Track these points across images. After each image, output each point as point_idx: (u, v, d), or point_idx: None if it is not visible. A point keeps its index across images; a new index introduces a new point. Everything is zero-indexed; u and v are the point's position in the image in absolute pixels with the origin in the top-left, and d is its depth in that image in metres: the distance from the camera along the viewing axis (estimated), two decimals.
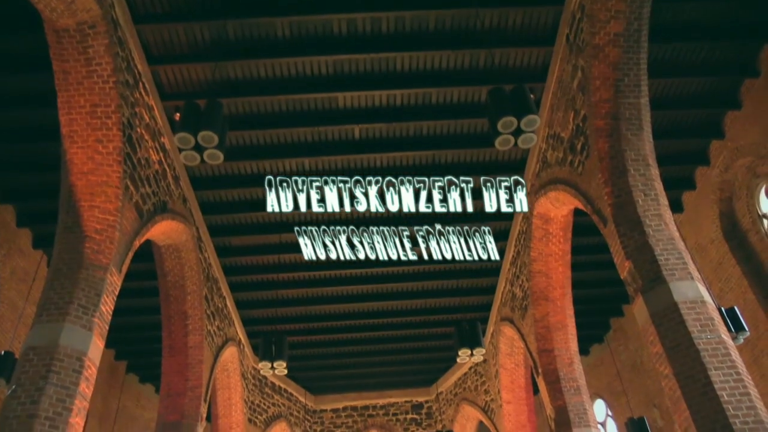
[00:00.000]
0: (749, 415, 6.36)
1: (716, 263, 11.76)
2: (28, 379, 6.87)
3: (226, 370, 14.65)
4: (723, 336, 6.98)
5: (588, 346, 16.68)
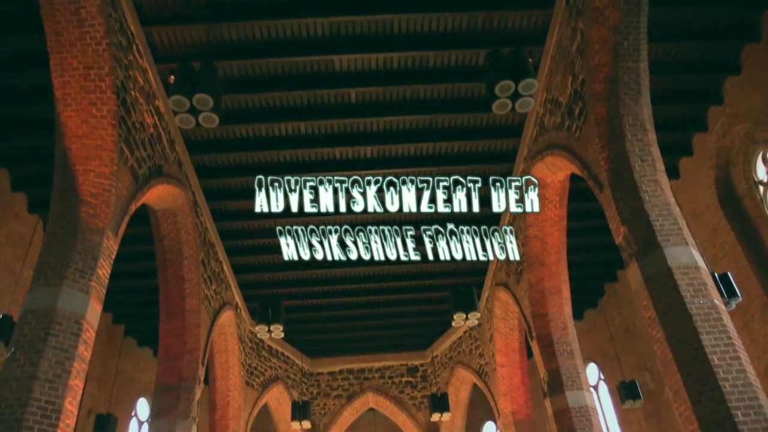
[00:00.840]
0: (739, 378, 6.47)
1: (711, 229, 11.82)
2: (27, 342, 6.93)
3: (224, 333, 14.79)
4: (715, 301, 7.06)
5: (582, 310, 16.86)
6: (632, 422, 15.24)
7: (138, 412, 16.44)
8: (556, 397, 11.42)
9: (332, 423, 18.68)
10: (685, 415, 6.71)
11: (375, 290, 16.05)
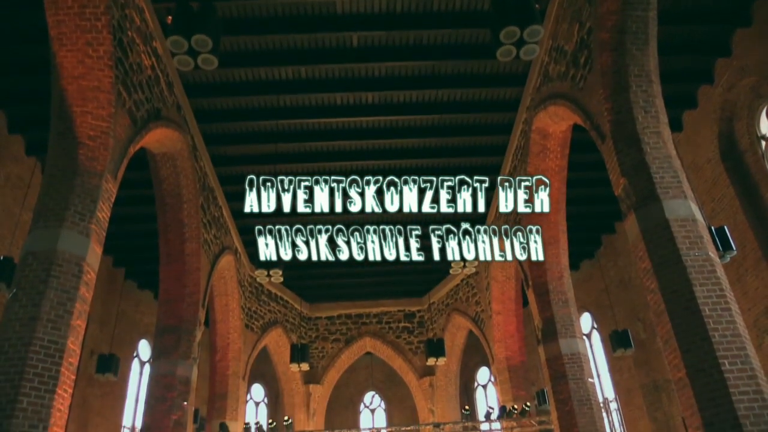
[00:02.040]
0: (728, 328, 6.59)
1: (711, 183, 11.81)
2: (28, 283, 7.01)
3: (223, 277, 14.96)
4: (710, 254, 7.12)
5: (578, 261, 17.01)
6: (622, 370, 15.59)
7: (140, 352, 16.79)
8: (550, 344, 11.66)
9: (330, 366, 19.11)
10: (674, 363, 6.87)
11: None
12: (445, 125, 12.45)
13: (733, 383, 6.26)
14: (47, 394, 6.49)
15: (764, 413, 6.14)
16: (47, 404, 6.45)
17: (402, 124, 12.42)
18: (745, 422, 6.08)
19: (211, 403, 15.40)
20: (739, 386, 6.25)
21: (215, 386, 15.54)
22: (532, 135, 11.24)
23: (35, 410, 6.35)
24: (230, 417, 14.94)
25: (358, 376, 20.97)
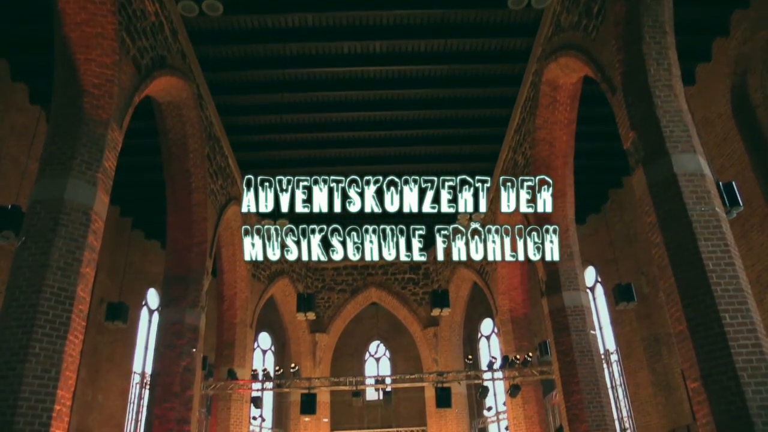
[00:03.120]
0: (731, 283, 6.63)
1: (721, 138, 11.65)
2: (37, 232, 7.09)
3: (230, 227, 15.05)
4: (717, 209, 7.10)
5: (584, 215, 16.96)
6: (624, 323, 15.76)
7: (148, 301, 17.06)
8: (553, 297, 11.77)
9: (336, 315, 19.41)
10: (675, 316, 6.93)
11: None
12: (453, 76, 12.26)
13: (732, 336, 6.33)
14: (59, 340, 6.64)
15: (762, 366, 6.23)
16: (59, 350, 6.61)
17: (410, 75, 12.23)
18: (743, 374, 6.18)
19: (219, 350, 15.73)
20: (739, 339, 6.33)
21: (223, 334, 15.84)
22: (541, 87, 11.07)
23: (47, 355, 6.51)
24: (238, 364, 15.29)
25: (363, 325, 21.30)
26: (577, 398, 10.90)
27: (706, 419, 6.42)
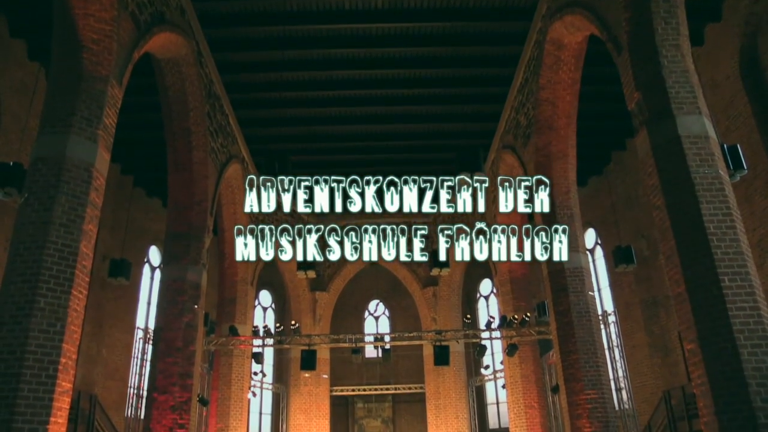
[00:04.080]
0: (731, 246, 6.65)
1: (727, 100, 11.54)
2: (39, 189, 7.10)
3: (231, 186, 15.05)
4: (720, 172, 7.08)
5: (586, 177, 16.93)
6: (623, 285, 15.89)
7: (150, 258, 17.17)
8: None
9: (336, 275, 19.57)
10: (674, 278, 6.98)
11: (381, 149, 16.08)
12: (456, 33, 12.06)
13: (731, 299, 6.39)
14: (63, 295, 6.72)
15: (759, 328, 6.31)
16: (63, 304, 6.69)
17: (412, 32, 12.03)
18: (739, 336, 6.25)
19: (220, 307, 15.91)
20: (737, 302, 6.38)
21: (224, 291, 16.00)
22: (546, 46, 10.90)
23: (52, 310, 6.60)
24: (239, 321, 15.48)
25: (363, 285, 21.47)
26: (573, 358, 11.06)
27: (701, 380, 6.52)
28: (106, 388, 14.34)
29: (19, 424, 6.08)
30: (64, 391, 6.58)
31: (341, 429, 19.82)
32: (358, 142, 15.64)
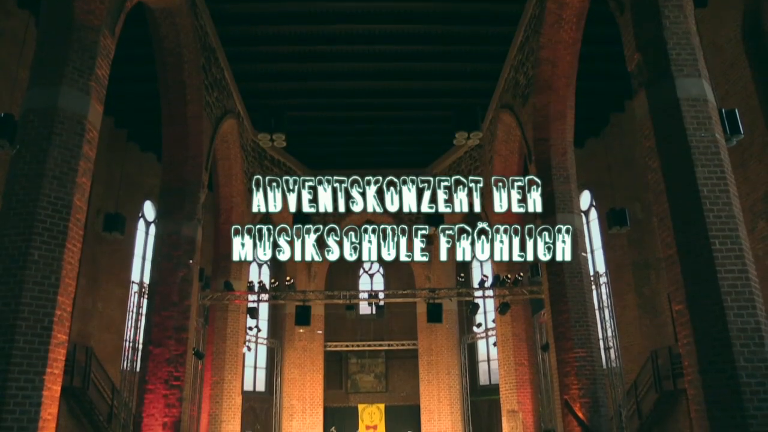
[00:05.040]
0: (724, 210, 6.69)
1: (728, 64, 11.42)
2: (31, 141, 7.04)
3: (226, 141, 14.94)
4: (717, 135, 7.06)
5: (584, 138, 16.85)
6: (616, 247, 16.01)
7: (145, 213, 17.15)
8: (548, 218, 11.86)
9: None
10: (666, 240, 7.04)
11: (379, 105, 15.92)
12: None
13: (720, 262, 6.46)
14: (57, 248, 6.74)
15: (746, 291, 6.40)
16: (58, 257, 6.71)
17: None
18: (727, 298, 6.35)
19: (215, 263, 15.98)
20: (726, 265, 6.46)
21: (220, 247, 16.04)
22: (547, 4, 10.72)
23: (47, 263, 6.62)
24: (234, 276, 15.57)
25: None
26: (564, 317, 11.23)
27: (687, 340, 6.64)
28: (102, 341, 14.51)
29: (15, 375, 6.16)
30: (60, 342, 6.65)
31: (335, 383, 20.17)
32: (356, 99, 15.48)
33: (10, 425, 6.03)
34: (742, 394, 6.05)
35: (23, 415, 6.11)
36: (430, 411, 18.66)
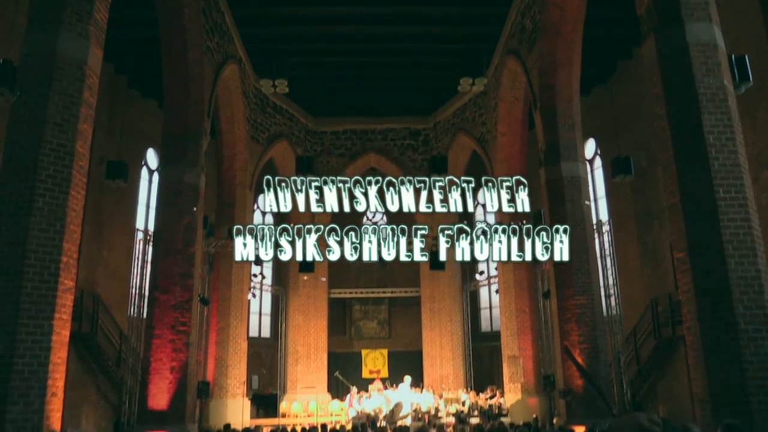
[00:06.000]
0: (729, 158, 6.65)
1: (740, 9, 11.10)
2: (31, 87, 6.98)
3: (228, 87, 14.77)
4: (725, 82, 6.95)
5: (590, 86, 16.58)
6: (619, 195, 15.97)
7: (147, 161, 17.10)
8: (551, 167, 11.84)
9: None
10: (670, 189, 7.02)
11: (383, 51, 15.64)
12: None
13: (723, 210, 6.46)
14: (61, 195, 6.75)
15: (747, 239, 6.42)
16: (62, 204, 6.74)
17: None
18: (728, 246, 6.37)
19: (219, 211, 16.05)
20: (729, 213, 6.45)
21: (223, 195, 16.09)
22: None
23: (51, 210, 6.65)
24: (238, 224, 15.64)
25: None
26: (566, 265, 11.30)
27: (687, 287, 6.70)
28: (108, 288, 14.70)
29: (24, 320, 6.28)
30: (67, 288, 6.75)
31: (339, 330, 20.53)
32: (359, 44, 15.20)
33: (21, 369, 6.18)
34: (740, 340, 6.14)
35: (33, 359, 6.26)
36: (432, 357, 19.03)
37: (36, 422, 6.06)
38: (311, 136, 19.42)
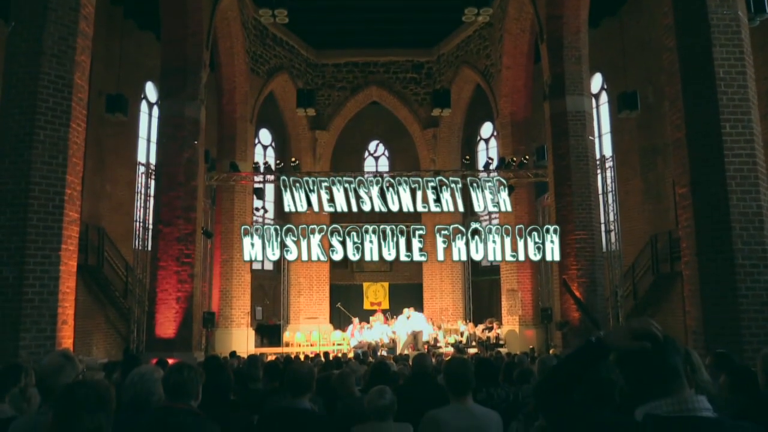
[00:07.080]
0: (738, 92, 6.53)
1: None
2: (26, 17, 6.81)
3: (226, 18, 14.41)
4: (739, 13, 6.76)
5: (599, 18, 16.11)
6: (624, 131, 15.83)
7: (147, 94, 16.87)
8: (556, 101, 11.68)
9: (336, 113, 19.37)
10: (676, 123, 6.95)
11: None
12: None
13: (729, 145, 6.41)
14: (62, 128, 6.71)
15: (751, 175, 6.39)
16: (63, 137, 6.71)
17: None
18: (731, 182, 6.36)
19: (220, 144, 15.97)
20: (734, 149, 6.40)
21: (224, 128, 15.97)
22: None
23: (53, 142, 6.63)
24: (239, 158, 15.61)
25: (363, 124, 21.34)
26: (567, 201, 11.35)
27: (688, 222, 6.74)
28: (113, 221, 14.81)
29: (32, 251, 6.37)
30: (72, 220, 6.81)
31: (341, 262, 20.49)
32: None
33: (31, 298, 6.32)
34: (737, 275, 6.22)
35: (43, 288, 6.38)
36: (432, 289, 19.35)
37: (49, 348, 6.23)
38: (312, 68, 19.07)
